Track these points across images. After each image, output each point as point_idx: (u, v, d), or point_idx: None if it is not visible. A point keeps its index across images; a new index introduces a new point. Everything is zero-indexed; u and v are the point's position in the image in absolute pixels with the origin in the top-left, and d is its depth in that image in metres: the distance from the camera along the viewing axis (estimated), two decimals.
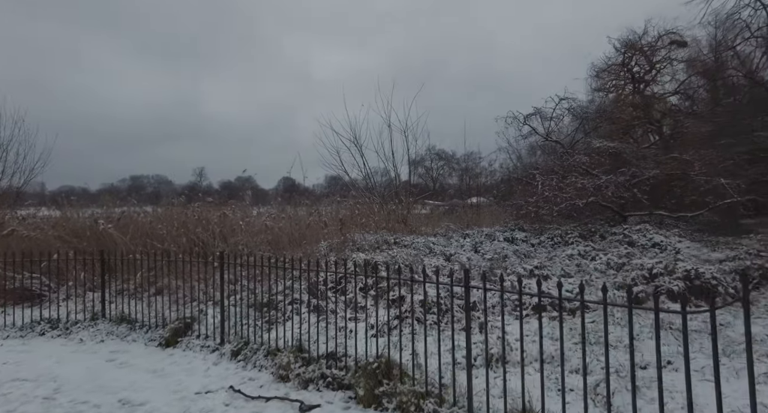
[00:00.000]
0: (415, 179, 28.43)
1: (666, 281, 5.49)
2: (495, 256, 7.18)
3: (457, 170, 49.26)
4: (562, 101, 12.63)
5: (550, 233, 8.64)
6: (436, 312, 5.09)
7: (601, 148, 9.42)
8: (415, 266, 6.80)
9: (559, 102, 12.56)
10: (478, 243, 8.49)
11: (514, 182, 10.32)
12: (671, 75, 25.10)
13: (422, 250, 8.51)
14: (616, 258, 6.33)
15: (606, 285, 2.56)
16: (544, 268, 6.06)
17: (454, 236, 10.38)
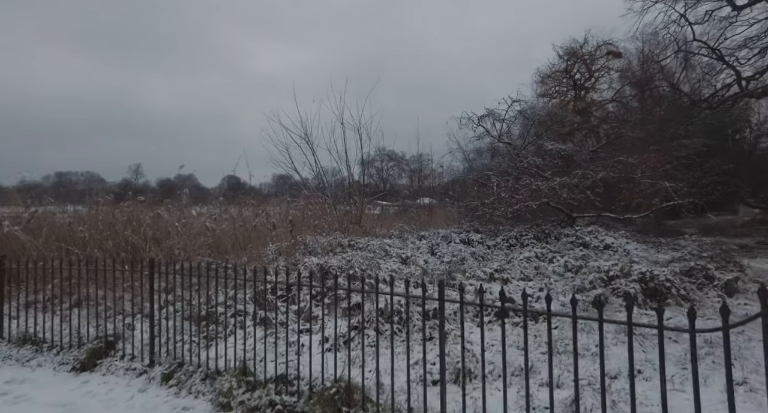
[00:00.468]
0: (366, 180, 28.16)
1: (622, 283, 5.52)
2: (453, 259, 6.98)
3: (407, 172, 49.68)
4: (514, 103, 12.86)
5: (505, 235, 8.64)
6: (398, 322, 4.75)
7: (552, 150, 9.60)
8: (372, 271, 6.44)
9: (512, 104, 12.79)
10: (435, 245, 8.28)
11: (469, 182, 10.31)
12: (608, 83, 26.65)
13: (378, 252, 8.16)
14: (573, 261, 6.34)
15: (575, 297, 2.33)
16: (503, 271, 5.91)
17: (409, 237, 10.13)
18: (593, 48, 26.39)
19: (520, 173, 9.32)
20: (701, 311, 5.15)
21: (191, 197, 12.95)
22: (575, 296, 2.36)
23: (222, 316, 4.81)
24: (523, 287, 5.09)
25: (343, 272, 6.38)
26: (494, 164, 10.56)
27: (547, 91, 28.23)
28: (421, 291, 3.05)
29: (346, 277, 6.21)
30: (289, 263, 6.92)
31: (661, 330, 2.01)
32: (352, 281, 6.30)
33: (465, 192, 10.35)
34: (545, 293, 5.39)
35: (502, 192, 8.75)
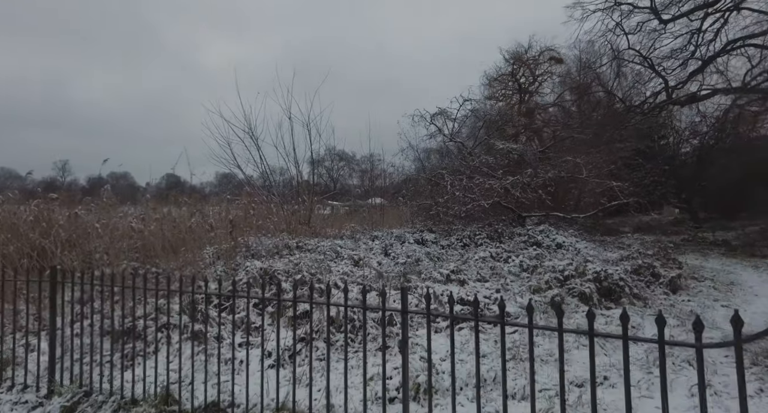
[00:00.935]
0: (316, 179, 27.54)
1: (578, 283, 5.46)
2: (408, 260, 6.68)
3: (358, 172, 49.42)
4: (465, 102, 12.86)
5: (459, 234, 8.50)
6: (351, 330, 4.34)
7: (503, 149, 9.63)
8: (323, 275, 5.98)
9: (463, 103, 12.78)
10: (389, 246, 7.96)
11: (422, 181, 10.13)
12: (551, 88, 27.78)
13: (329, 254, 7.70)
14: (527, 260, 6.25)
15: (531, 304, 2.06)
16: (460, 272, 5.69)
17: (361, 238, 9.75)
18: (537, 53, 27.47)
19: (473, 172, 9.26)
20: (653, 309, 5.18)
21: (121, 195, 11.77)
22: (531, 303, 2.08)
23: (147, 330, 4.17)
24: (475, 295, 4.87)
25: (290, 277, 5.88)
26: (447, 163, 10.45)
27: (494, 94, 28.92)
28: (378, 300, 2.65)
29: (292, 282, 5.71)
30: (228, 267, 6.30)
31: (626, 340, 1.76)
32: (300, 287, 5.81)
33: (418, 191, 10.16)
34: (502, 295, 5.20)
35: (456, 191, 8.62)
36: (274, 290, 5.43)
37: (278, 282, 5.78)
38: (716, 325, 4.79)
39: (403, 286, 2.32)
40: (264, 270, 5.89)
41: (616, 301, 5.26)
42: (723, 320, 5.08)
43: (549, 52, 27.88)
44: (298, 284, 5.60)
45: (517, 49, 27.68)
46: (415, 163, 22.78)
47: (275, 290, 5.33)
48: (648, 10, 17.25)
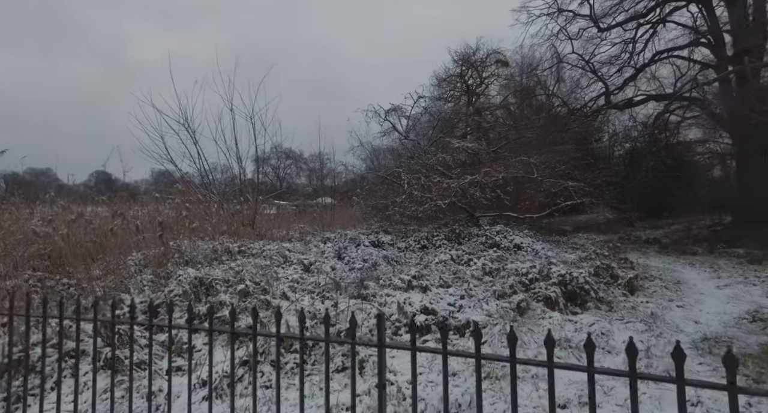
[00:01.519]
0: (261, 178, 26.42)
1: (542, 286, 5.26)
2: (364, 264, 6.20)
3: (306, 171, 48.38)
4: (420, 99, 12.60)
5: (416, 235, 8.16)
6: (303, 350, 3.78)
7: (459, 148, 9.44)
8: (269, 283, 5.35)
9: (418, 100, 12.51)
10: (342, 249, 7.44)
11: (377, 180, 9.70)
12: (498, 91, 28.46)
13: (275, 259, 7.06)
14: (490, 263, 6.00)
15: (479, 330, 1.68)
16: (421, 277, 5.30)
17: (312, 240, 9.14)
18: (484, 55, 28.09)
19: (429, 171, 8.98)
20: (618, 313, 5.09)
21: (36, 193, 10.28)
22: (513, 332, 1.70)
23: (46, 360, 3.37)
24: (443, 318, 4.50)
25: (231, 287, 5.20)
26: (403, 161, 10.11)
27: (442, 95, 29.15)
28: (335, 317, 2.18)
29: (233, 293, 5.04)
30: (158, 276, 5.49)
31: (592, 374, 1.44)
32: (242, 299, 5.15)
33: (373, 190, 9.73)
34: (467, 303, 4.86)
35: (414, 190, 8.27)
36: (214, 302, 4.74)
37: (216, 288, 5.11)
38: (679, 328, 4.76)
39: (379, 314, 1.85)
40: (200, 280, 5.17)
41: (582, 306, 5.11)
42: (682, 321, 5.09)
43: (495, 55, 28.60)
44: (240, 295, 4.95)
45: (465, 51, 28.10)
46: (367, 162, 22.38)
47: (210, 306, 4.66)
48: (588, 18, 18.01)
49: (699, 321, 5.09)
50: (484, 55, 28.57)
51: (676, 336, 4.40)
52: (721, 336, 4.37)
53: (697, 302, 6.13)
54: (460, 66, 29.51)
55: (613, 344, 4.11)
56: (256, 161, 11.70)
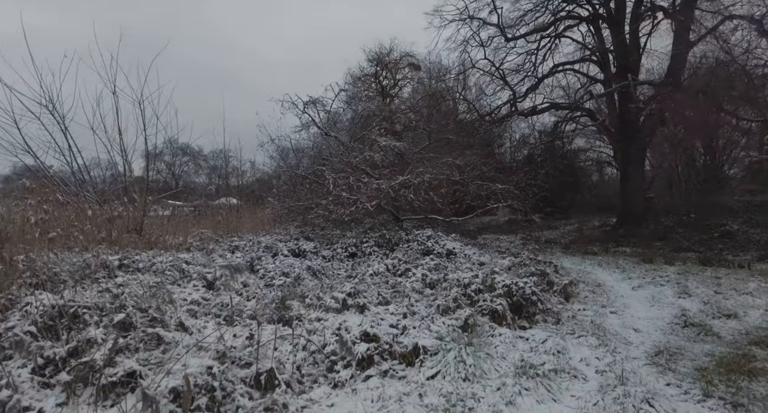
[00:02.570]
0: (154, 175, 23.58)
1: (488, 298, 4.84)
2: (286, 280, 5.26)
3: (206, 168, 44.83)
4: (341, 92, 11.83)
5: (343, 242, 7.39)
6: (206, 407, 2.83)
7: (387, 146, 8.88)
8: (161, 308, 4.20)
9: (339, 92, 11.74)
10: (256, 259, 6.40)
11: (296, 179, 8.69)
12: (410, 93, 28.87)
13: (170, 274, 5.81)
14: (429, 273, 5.46)
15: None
16: (358, 294, 4.56)
17: (216, 249, 7.89)
18: (398, 57, 28.30)
19: (355, 171, 8.26)
20: (566, 326, 4.85)
21: None
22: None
23: None
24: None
25: (106, 316, 3.95)
26: (324, 158, 9.23)
27: (357, 94, 28.77)
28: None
29: (109, 326, 3.83)
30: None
31: None
32: (123, 334, 3.97)
33: (292, 191, 8.70)
34: (410, 322, 4.24)
35: (342, 191, 7.47)
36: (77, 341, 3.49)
37: (84, 320, 3.83)
38: (626, 339, 4.64)
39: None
40: (60, 308, 3.85)
41: (530, 318, 4.79)
42: (622, 329, 5.03)
43: (408, 58, 29.00)
44: (119, 329, 3.74)
45: (380, 51, 28.04)
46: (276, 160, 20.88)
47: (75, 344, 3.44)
48: (497, 27, 18.78)
49: (637, 328, 5.07)
50: (398, 57, 28.80)
51: (628, 350, 4.25)
52: (670, 346, 4.30)
53: (625, 306, 6.24)
54: (374, 66, 29.39)
55: (575, 364, 3.77)
56: (147, 156, 9.96)
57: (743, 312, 5.63)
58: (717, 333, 4.74)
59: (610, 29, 16.37)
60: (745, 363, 3.65)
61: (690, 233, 13.62)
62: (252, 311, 4.77)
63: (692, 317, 5.41)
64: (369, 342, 3.84)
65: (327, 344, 3.79)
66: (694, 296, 6.66)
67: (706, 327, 4.96)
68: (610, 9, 16.23)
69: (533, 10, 17.75)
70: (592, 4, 16.74)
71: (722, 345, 4.33)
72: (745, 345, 4.25)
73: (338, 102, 12.07)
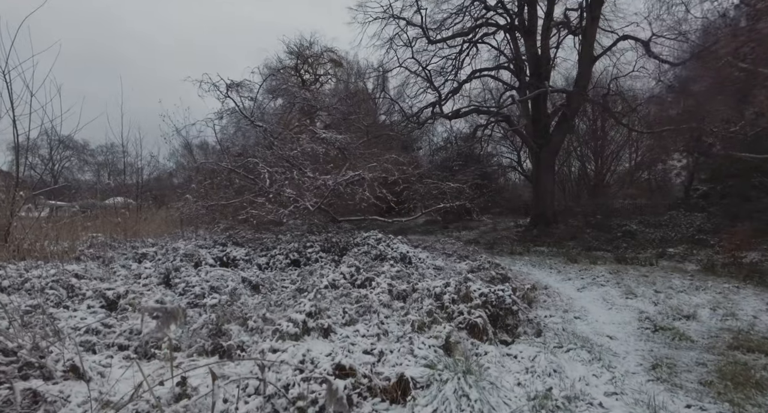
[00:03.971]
0: (25, 171, 20.04)
1: (464, 310, 4.28)
2: (220, 297, 4.20)
3: (93, 164, 39.93)
4: (270, 77, 10.60)
5: (282, 247, 6.36)
6: None
7: (327, 139, 8.01)
8: (37, 347, 2.99)
9: (268, 76, 10.49)
10: (173, 270, 5.19)
11: (222, 174, 7.40)
12: (332, 91, 28.11)
13: (53, 293, 4.46)
14: (394, 283, 4.76)
15: None
16: (320, 314, 3.70)
17: (116, 257, 6.45)
18: (319, 51, 27.34)
19: (292, 165, 7.25)
20: (548, 337, 4.46)
21: None
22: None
23: None
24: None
25: None
26: (257, 150, 8.03)
27: (278, 86, 27.25)
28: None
29: None
30: None
31: None
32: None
33: (216, 187, 7.38)
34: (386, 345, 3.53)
35: (286, 188, 6.42)
36: None
37: None
38: (610, 349, 4.36)
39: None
40: None
41: (511, 331, 4.32)
42: (595, 336, 4.80)
43: (329, 54, 28.16)
44: None
45: (301, 43, 26.92)
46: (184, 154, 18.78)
47: None
48: (419, 28, 18.79)
49: (611, 335, 4.87)
50: (319, 51, 27.79)
51: (620, 363, 3.95)
52: (658, 356, 4.09)
53: (584, 310, 6.11)
54: (294, 58, 28.02)
55: (580, 387, 3.32)
56: (15, 142, 7.94)
57: (694, 312, 5.76)
58: (689, 337, 4.68)
59: (524, 39, 17.21)
60: (746, 374, 3.50)
61: (597, 233, 14.61)
62: (175, 340, 3.69)
63: (655, 320, 5.38)
64: (345, 378, 3.05)
65: (289, 384, 2.92)
66: (640, 296, 6.79)
67: (675, 330, 4.91)
68: (523, 20, 17.05)
69: (456, 13, 18.01)
70: (509, 14, 17.44)
71: (704, 351, 4.23)
72: (726, 351, 4.18)
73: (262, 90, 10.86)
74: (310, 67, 28.68)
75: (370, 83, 22.21)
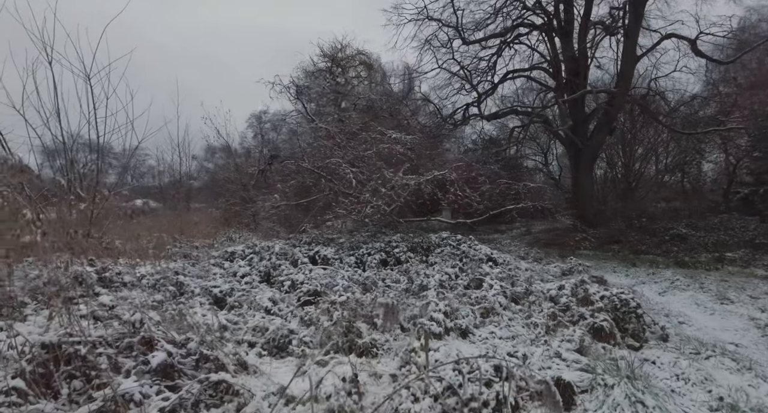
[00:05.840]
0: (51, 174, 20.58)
1: (587, 314, 4.17)
2: (347, 296, 4.18)
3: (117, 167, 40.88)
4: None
5: (369, 247, 6.34)
6: None
7: (398, 140, 7.95)
8: (203, 342, 3.03)
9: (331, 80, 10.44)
10: (271, 268, 5.23)
11: (304, 174, 7.39)
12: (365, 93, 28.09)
13: (168, 290, 4.54)
14: (505, 284, 4.68)
15: None
16: (454, 314, 3.66)
17: (201, 257, 6.55)
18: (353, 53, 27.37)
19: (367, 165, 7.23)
20: (675, 342, 4.30)
21: None
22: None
23: None
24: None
25: (125, 356, 2.69)
26: (333, 149, 8.01)
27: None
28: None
29: (140, 371, 2.67)
30: None
31: None
32: (165, 383, 2.88)
33: (304, 186, 7.40)
34: (525, 348, 3.45)
35: (380, 187, 6.41)
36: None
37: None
38: (741, 354, 4.17)
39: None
40: (52, 346, 2.57)
41: (638, 336, 4.18)
42: (714, 340, 4.62)
43: (361, 57, 28.20)
44: (159, 377, 2.52)
45: (335, 45, 27.04)
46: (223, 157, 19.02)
47: None
48: (455, 29, 18.66)
49: (732, 341, 4.69)
50: (353, 53, 27.84)
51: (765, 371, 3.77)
52: None
53: (684, 315, 5.89)
54: (329, 61, 28.16)
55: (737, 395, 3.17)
56: (98, 149, 8.10)
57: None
58: None
59: (561, 40, 16.94)
60: None
61: (641, 236, 14.16)
62: (308, 337, 3.69)
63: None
64: (505, 379, 2.98)
65: (454, 384, 2.87)
66: (738, 302, 6.52)
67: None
68: (560, 20, 16.80)
69: (494, 14, 17.84)
70: (546, 14, 17.21)
71: None
72: None
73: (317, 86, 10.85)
74: (342, 69, 28.79)
75: (395, 86, 22.06)
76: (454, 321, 3.57)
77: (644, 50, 15.50)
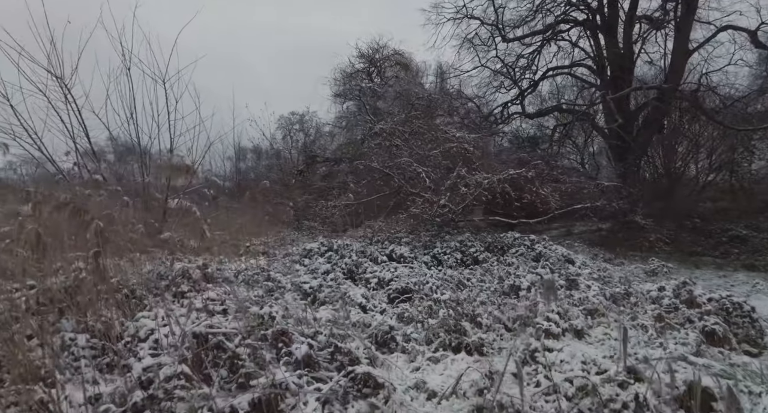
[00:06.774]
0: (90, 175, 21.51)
1: (694, 317, 4.01)
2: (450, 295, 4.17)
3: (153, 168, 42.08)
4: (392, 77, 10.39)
5: (444, 245, 6.32)
6: None
7: (460, 138, 7.89)
8: (334, 335, 3.08)
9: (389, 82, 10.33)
10: (353, 266, 5.28)
11: (374, 173, 7.42)
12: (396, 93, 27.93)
13: (263, 286, 4.66)
14: (602, 285, 4.56)
15: None
16: (565, 314, 3.59)
17: (275, 254, 6.69)
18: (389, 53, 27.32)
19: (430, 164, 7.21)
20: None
21: None
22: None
23: None
24: None
25: (264, 348, 2.75)
26: (400, 147, 8.01)
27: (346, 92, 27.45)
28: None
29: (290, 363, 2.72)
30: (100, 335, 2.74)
31: None
32: (309, 374, 2.92)
33: (380, 185, 7.41)
34: (641, 351, 3.32)
35: (461, 185, 6.39)
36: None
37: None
38: None
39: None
40: (206, 336, 2.66)
41: (755, 342, 3.99)
42: None
43: (397, 57, 28.11)
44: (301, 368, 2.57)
45: (373, 46, 27.02)
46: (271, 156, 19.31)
47: None
48: (494, 27, 18.37)
49: None
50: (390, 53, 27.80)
51: None
52: None
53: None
54: (367, 62, 28.22)
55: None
56: (171, 151, 8.43)
57: None
58: None
59: (604, 35, 16.44)
60: None
61: (695, 237, 13.45)
62: (414, 334, 3.69)
63: None
64: (638, 381, 2.90)
65: (587, 385, 2.81)
66: None
67: None
68: (604, 15, 16.29)
69: (535, 10, 17.50)
70: (590, 9, 16.75)
71: None
72: None
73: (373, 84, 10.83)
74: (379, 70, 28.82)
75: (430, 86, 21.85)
76: (568, 321, 3.50)
77: (695, 44, 14.88)
